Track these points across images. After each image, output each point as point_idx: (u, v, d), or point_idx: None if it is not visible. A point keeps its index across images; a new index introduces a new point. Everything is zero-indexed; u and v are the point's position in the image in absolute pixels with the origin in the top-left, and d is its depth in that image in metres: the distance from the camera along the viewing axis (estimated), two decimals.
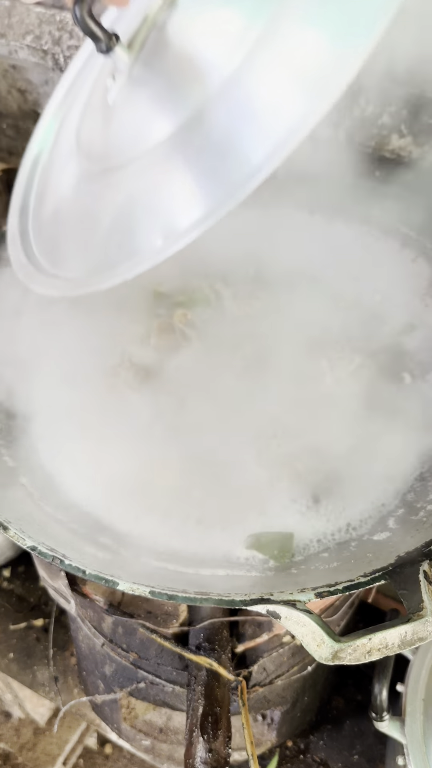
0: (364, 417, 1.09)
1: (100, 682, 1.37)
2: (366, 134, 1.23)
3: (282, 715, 1.43)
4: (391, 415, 1.09)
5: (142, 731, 1.46)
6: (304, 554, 0.91)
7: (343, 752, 1.56)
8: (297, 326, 1.29)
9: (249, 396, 1.13)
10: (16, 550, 1.81)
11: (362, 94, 1.21)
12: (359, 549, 0.89)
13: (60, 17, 1.47)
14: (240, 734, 1.07)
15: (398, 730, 1.21)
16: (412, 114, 1.20)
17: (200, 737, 0.87)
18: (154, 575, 0.85)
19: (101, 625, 1.14)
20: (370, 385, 1.16)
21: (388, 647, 0.71)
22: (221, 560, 0.91)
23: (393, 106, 1.17)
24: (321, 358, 1.17)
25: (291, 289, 1.37)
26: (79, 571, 0.75)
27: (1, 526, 0.81)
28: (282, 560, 0.90)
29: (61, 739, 1.85)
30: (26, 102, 1.75)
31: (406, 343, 1.22)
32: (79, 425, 1.07)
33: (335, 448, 1.04)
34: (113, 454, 1.01)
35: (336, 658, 0.71)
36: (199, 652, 0.95)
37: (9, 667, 1.69)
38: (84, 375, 1.19)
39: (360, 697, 1.64)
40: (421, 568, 0.76)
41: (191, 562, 0.90)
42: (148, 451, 1.01)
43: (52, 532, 0.88)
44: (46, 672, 1.68)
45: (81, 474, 1.01)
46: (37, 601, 1.81)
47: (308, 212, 1.35)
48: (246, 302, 1.26)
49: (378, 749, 1.56)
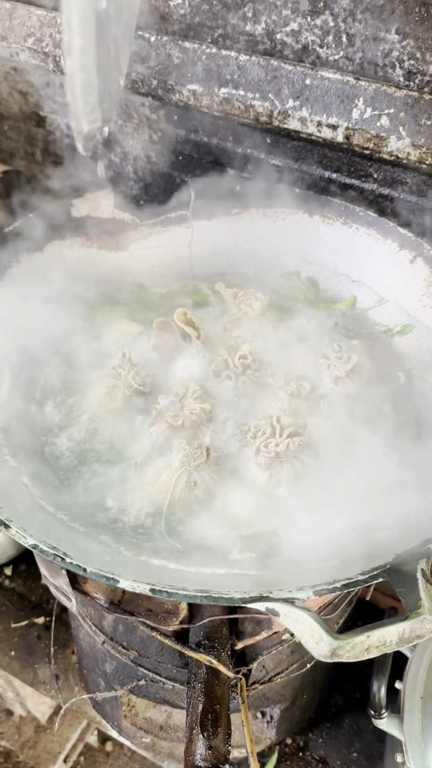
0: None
1: (100, 680, 1.38)
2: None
3: (281, 713, 1.43)
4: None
5: (143, 728, 1.47)
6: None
7: (342, 749, 1.57)
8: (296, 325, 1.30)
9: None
10: (18, 548, 1.82)
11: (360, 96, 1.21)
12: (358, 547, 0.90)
13: (61, 20, 1.47)
14: (240, 732, 1.08)
15: (397, 727, 1.22)
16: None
17: (200, 734, 0.88)
18: (154, 573, 0.86)
19: (102, 623, 1.15)
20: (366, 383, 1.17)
21: (387, 645, 0.72)
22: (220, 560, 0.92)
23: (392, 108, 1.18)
24: (319, 357, 1.18)
25: (290, 289, 1.38)
26: (80, 569, 0.76)
27: (3, 524, 0.82)
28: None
29: (62, 736, 1.86)
30: (27, 104, 1.76)
31: (403, 343, 1.23)
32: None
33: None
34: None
35: (335, 655, 0.71)
36: (199, 650, 0.96)
37: (10, 665, 1.70)
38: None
39: (359, 694, 1.65)
40: (419, 567, 0.77)
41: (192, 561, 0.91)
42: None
43: (53, 530, 0.89)
44: (47, 670, 1.69)
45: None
46: (38, 599, 1.82)
47: (308, 213, 1.36)
48: (246, 302, 1.27)
49: (377, 746, 1.56)
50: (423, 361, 1.17)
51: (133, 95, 1.49)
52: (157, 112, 1.53)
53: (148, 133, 1.59)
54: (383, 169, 1.32)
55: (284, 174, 1.42)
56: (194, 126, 1.49)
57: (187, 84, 1.36)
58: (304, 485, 1.02)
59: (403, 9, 1.12)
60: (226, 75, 1.32)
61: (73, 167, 1.72)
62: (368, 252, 1.30)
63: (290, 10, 1.23)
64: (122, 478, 1.03)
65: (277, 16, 1.25)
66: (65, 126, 1.73)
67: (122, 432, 1.10)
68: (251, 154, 1.45)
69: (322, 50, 1.24)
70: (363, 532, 0.95)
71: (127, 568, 0.82)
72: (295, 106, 1.26)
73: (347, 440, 1.08)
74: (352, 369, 1.14)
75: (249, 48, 1.32)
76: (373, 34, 1.17)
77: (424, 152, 1.18)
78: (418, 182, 1.29)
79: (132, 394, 1.12)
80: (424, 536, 0.83)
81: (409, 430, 1.09)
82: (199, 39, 1.36)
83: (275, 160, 1.43)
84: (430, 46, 1.14)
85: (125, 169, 1.70)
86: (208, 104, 1.37)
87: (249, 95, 1.30)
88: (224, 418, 1.10)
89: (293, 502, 1.00)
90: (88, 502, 0.99)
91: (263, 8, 1.26)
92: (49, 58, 1.51)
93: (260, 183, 1.38)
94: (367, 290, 1.32)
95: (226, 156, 1.49)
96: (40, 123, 1.78)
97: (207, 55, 1.33)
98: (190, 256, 1.41)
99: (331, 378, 1.15)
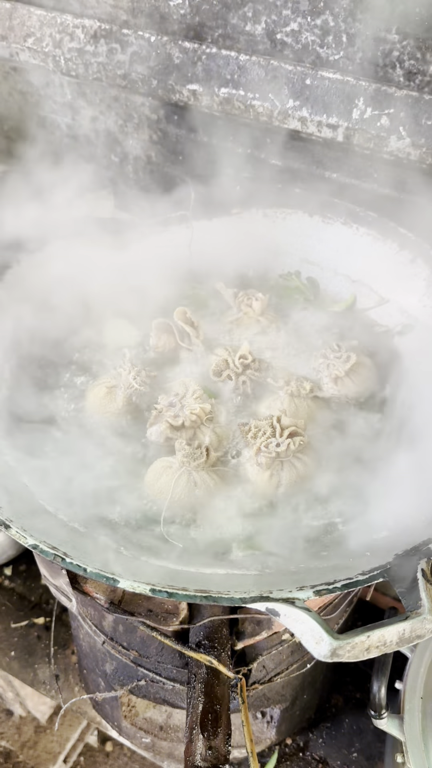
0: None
1: (100, 680, 1.38)
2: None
3: (281, 713, 1.43)
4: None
5: (143, 729, 1.47)
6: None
7: (342, 750, 1.57)
8: (296, 325, 1.30)
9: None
10: (18, 548, 1.82)
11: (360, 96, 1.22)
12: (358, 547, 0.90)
13: (61, 20, 1.48)
14: (240, 732, 1.08)
15: (397, 727, 1.22)
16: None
17: (200, 735, 0.88)
18: (154, 573, 0.86)
19: (102, 624, 1.15)
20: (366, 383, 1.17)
21: (387, 645, 0.72)
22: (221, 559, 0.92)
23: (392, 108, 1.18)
24: (318, 356, 1.18)
25: (290, 289, 1.38)
26: (80, 569, 0.76)
27: (3, 524, 0.82)
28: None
29: (62, 736, 1.86)
30: (27, 104, 1.76)
31: (403, 344, 1.22)
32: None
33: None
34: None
35: (335, 655, 0.71)
36: (199, 650, 0.96)
37: (10, 665, 1.70)
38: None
39: (359, 694, 1.65)
40: (419, 567, 0.77)
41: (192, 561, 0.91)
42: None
43: (53, 530, 0.89)
44: (47, 670, 1.69)
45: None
46: (38, 599, 1.82)
47: (308, 213, 1.36)
48: (246, 302, 1.27)
49: (377, 747, 1.56)
50: (423, 360, 1.17)
51: (133, 95, 1.49)
52: (157, 112, 1.53)
53: (148, 133, 1.59)
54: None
55: (285, 174, 1.42)
56: (194, 126, 1.49)
57: (188, 84, 1.36)
58: (304, 485, 1.02)
59: (403, 9, 1.12)
60: (226, 75, 1.32)
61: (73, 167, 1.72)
62: (368, 252, 1.30)
63: (290, 10, 1.23)
64: (122, 479, 1.03)
65: (277, 16, 1.25)
66: (65, 126, 1.73)
67: (122, 432, 1.10)
68: (251, 154, 1.45)
69: (322, 50, 1.24)
70: (363, 531, 0.95)
71: (127, 568, 0.82)
72: (295, 106, 1.26)
73: (347, 440, 1.08)
74: (351, 368, 1.14)
75: (249, 48, 1.32)
76: (373, 34, 1.17)
77: (424, 152, 1.18)
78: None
79: (132, 395, 1.12)
80: (424, 536, 0.83)
81: (409, 429, 1.09)
82: (199, 39, 1.36)
83: (275, 159, 1.43)
84: (430, 46, 1.14)
85: (125, 169, 1.70)
86: (208, 104, 1.37)
87: (249, 95, 1.30)
88: (224, 418, 1.10)
89: (293, 502, 1.01)
90: (88, 502, 0.99)
91: (263, 8, 1.26)
92: (49, 58, 1.51)
93: (260, 183, 1.38)
94: (367, 290, 1.32)
95: (226, 156, 1.49)
96: (40, 123, 1.78)
97: (207, 55, 1.33)
98: (190, 256, 1.41)
99: (330, 377, 1.15)
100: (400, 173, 1.30)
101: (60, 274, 1.30)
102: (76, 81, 1.56)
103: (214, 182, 1.39)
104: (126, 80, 1.45)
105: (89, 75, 1.49)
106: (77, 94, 1.61)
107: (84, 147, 1.72)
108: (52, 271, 1.29)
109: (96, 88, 1.57)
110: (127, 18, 1.42)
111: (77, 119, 1.67)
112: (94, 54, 1.45)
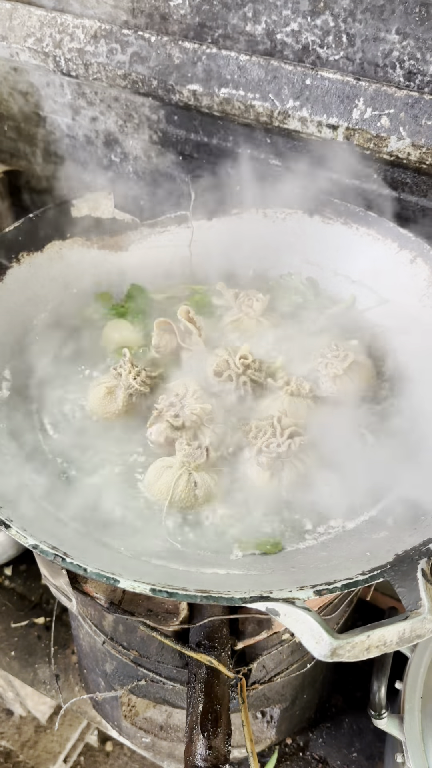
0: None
1: (100, 680, 1.38)
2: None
3: (281, 713, 1.43)
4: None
5: (143, 728, 1.47)
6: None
7: (342, 749, 1.57)
8: (296, 326, 1.30)
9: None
10: (18, 548, 1.82)
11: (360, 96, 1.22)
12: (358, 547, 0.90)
13: (61, 20, 1.48)
14: (240, 732, 1.08)
15: (397, 727, 1.22)
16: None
17: (200, 734, 0.88)
18: (154, 573, 0.86)
19: (102, 623, 1.15)
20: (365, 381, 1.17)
21: (387, 644, 0.72)
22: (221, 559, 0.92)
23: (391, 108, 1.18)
24: (317, 356, 1.18)
25: (290, 290, 1.38)
26: (81, 569, 0.76)
27: (3, 524, 0.82)
28: (275, 550, 0.92)
29: (62, 736, 1.86)
30: (27, 104, 1.76)
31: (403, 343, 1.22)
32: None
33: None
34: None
35: (335, 655, 0.71)
36: (199, 650, 0.96)
37: (10, 665, 1.70)
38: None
39: (359, 694, 1.65)
40: (419, 567, 0.77)
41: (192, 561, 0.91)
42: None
43: (53, 530, 0.89)
44: (47, 670, 1.69)
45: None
46: (38, 599, 1.82)
47: (308, 213, 1.36)
48: (246, 303, 1.27)
49: (377, 746, 1.56)
50: (423, 360, 1.17)
51: (133, 95, 1.49)
52: (157, 112, 1.53)
53: (148, 133, 1.59)
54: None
55: (285, 174, 1.42)
56: (194, 126, 1.49)
57: (188, 84, 1.36)
58: (304, 485, 1.02)
59: (404, 9, 1.12)
60: (226, 75, 1.32)
61: (73, 167, 1.72)
62: (368, 252, 1.30)
63: (290, 10, 1.23)
64: (123, 479, 1.03)
65: (278, 16, 1.25)
66: (65, 126, 1.73)
67: (122, 432, 1.10)
68: (251, 154, 1.45)
69: (322, 50, 1.24)
70: (363, 531, 0.96)
71: (128, 568, 0.82)
72: (295, 106, 1.26)
73: (347, 440, 1.08)
74: (349, 367, 1.14)
75: (249, 48, 1.32)
76: (373, 34, 1.17)
77: (424, 152, 1.18)
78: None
79: (132, 395, 1.12)
80: (424, 536, 0.83)
81: (409, 429, 1.09)
82: (199, 39, 1.36)
83: (275, 159, 1.43)
84: (430, 46, 1.14)
85: (125, 169, 1.70)
86: (208, 104, 1.37)
87: (249, 95, 1.30)
88: (225, 418, 1.10)
89: (294, 502, 1.01)
90: (88, 502, 0.99)
91: (263, 8, 1.26)
92: (49, 58, 1.52)
93: (260, 183, 1.37)
94: (367, 290, 1.32)
95: (226, 156, 1.49)
96: (40, 123, 1.78)
97: (207, 55, 1.33)
98: (190, 257, 1.41)
99: (329, 377, 1.15)
100: (400, 173, 1.30)
101: (60, 274, 1.30)
102: (76, 81, 1.57)
103: (214, 182, 1.38)
104: (126, 80, 1.45)
105: (89, 75, 1.49)
106: (77, 94, 1.61)
107: (84, 147, 1.72)
108: (52, 271, 1.29)
109: (96, 88, 1.57)
110: (127, 18, 1.42)
111: (77, 119, 1.67)
112: (94, 54, 1.45)
